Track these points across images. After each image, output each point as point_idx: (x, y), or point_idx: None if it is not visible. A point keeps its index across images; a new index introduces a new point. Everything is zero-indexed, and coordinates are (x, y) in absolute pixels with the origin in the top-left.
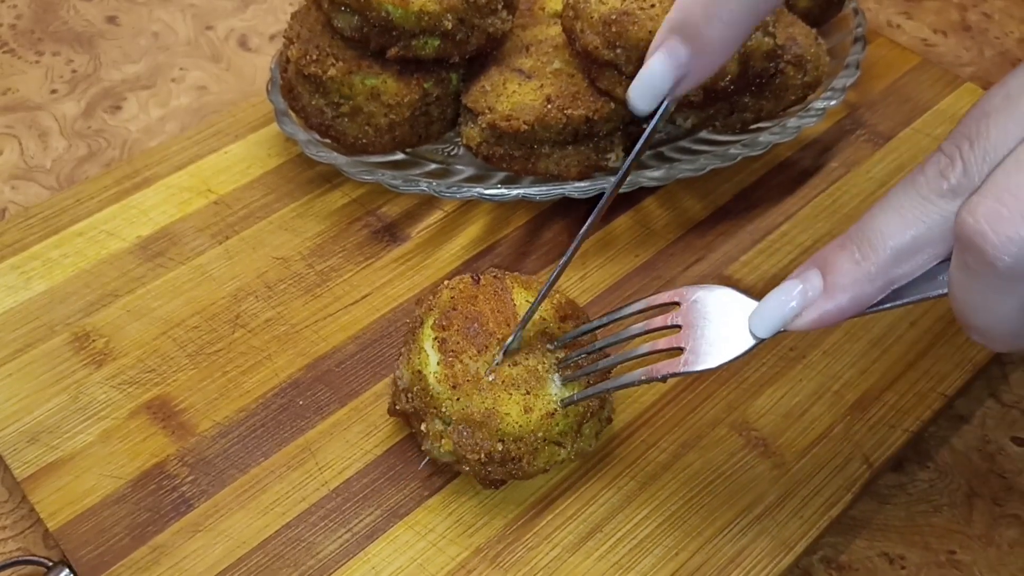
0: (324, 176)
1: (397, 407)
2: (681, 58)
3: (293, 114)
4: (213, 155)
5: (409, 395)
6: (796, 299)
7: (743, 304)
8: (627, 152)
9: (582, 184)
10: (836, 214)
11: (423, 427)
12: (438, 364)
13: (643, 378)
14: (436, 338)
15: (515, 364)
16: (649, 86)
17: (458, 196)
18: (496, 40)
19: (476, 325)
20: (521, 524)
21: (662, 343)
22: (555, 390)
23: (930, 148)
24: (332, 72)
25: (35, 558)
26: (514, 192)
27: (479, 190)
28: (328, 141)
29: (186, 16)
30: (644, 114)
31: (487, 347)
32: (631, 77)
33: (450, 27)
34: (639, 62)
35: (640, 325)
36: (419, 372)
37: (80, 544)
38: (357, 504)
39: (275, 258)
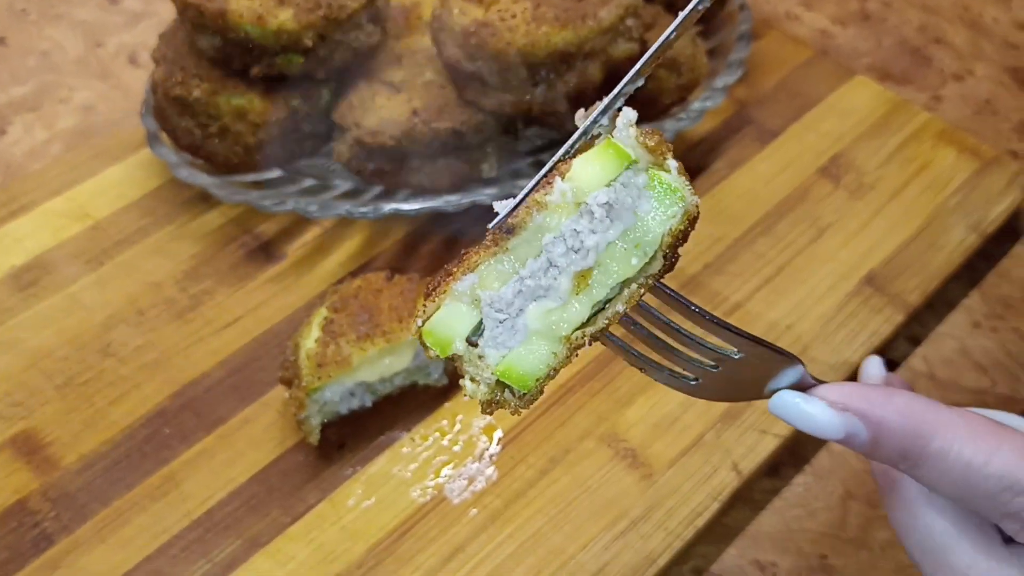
0: (201, 196)
1: (281, 373)
2: None
3: (165, 135)
4: (92, 179)
5: (288, 363)
6: (819, 424)
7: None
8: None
9: (454, 197)
10: (720, 216)
11: (287, 394)
12: (315, 342)
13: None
14: (326, 317)
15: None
16: None
17: (328, 215)
18: (364, 54)
19: (367, 316)
20: (383, 548)
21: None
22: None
23: (816, 143)
24: (197, 93)
25: None
26: (385, 208)
27: (348, 208)
28: (202, 162)
29: (76, 33)
30: None
31: (369, 337)
32: (496, 88)
33: (311, 44)
34: (500, 74)
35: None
36: (298, 344)
37: None
38: (218, 534)
39: (148, 283)
